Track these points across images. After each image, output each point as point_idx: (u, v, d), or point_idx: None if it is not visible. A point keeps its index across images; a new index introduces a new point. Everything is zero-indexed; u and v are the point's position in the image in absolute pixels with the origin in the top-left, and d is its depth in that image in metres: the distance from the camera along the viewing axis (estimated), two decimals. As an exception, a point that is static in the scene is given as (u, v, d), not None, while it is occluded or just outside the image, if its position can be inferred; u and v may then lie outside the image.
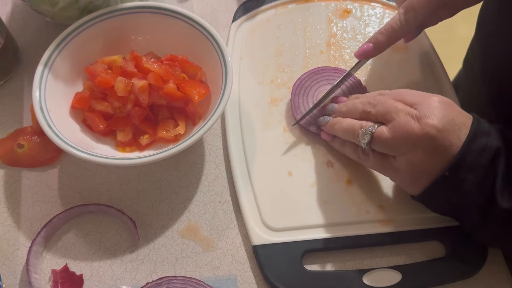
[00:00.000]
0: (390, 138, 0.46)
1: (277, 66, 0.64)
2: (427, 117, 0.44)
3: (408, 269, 0.50)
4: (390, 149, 0.47)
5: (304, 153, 0.57)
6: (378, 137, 0.47)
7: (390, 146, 0.46)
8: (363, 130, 0.48)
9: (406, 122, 0.45)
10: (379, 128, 0.47)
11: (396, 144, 0.46)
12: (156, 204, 0.54)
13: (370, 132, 0.47)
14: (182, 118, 0.55)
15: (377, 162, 0.49)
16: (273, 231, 0.52)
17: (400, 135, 0.45)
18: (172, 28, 0.58)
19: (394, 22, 0.54)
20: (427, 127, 0.44)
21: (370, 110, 0.49)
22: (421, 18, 0.53)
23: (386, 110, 0.47)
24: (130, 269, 0.50)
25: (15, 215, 0.53)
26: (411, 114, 0.45)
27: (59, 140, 0.49)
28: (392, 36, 0.54)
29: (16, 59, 0.63)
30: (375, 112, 0.48)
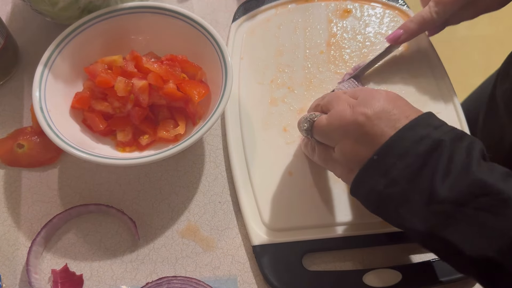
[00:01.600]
0: (325, 125, 0.46)
1: (277, 66, 0.64)
2: (361, 105, 0.43)
3: (408, 269, 0.50)
4: (326, 137, 0.46)
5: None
6: (317, 124, 0.47)
7: (325, 133, 0.46)
8: (304, 118, 0.48)
9: (341, 110, 0.45)
10: (320, 117, 0.47)
11: (330, 132, 0.45)
12: (156, 204, 0.54)
13: (310, 119, 0.47)
14: (182, 118, 0.55)
15: (321, 155, 0.48)
16: (273, 231, 0.52)
17: (334, 122, 0.45)
18: (172, 28, 0.58)
19: (424, 12, 0.59)
20: (357, 114, 0.43)
21: (319, 103, 0.49)
22: (449, 12, 0.58)
23: (330, 100, 0.47)
24: (130, 269, 0.50)
25: (15, 215, 0.53)
26: (349, 103, 0.45)
27: (59, 140, 0.49)
28: (421, 25, 0.59)
29: (16, 59, 0.63)
30: (322, 103, 0.49)
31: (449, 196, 0.38)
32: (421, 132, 0.41)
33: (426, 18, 0.58)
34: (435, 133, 0.40)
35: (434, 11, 0.58)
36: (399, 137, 0.41)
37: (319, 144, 0.49)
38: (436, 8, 0.58)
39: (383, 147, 0.41)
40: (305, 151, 0.54)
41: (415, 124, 0.41)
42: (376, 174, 0.41)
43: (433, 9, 0.58)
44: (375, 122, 0.42)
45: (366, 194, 0.43)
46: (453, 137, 0.40)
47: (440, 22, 0.59)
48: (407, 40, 0.60)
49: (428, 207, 0.39)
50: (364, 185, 0.43)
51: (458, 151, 0.39)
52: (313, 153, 0.51)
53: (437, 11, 0.58)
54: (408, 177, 0.40)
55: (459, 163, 0.39)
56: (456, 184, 0.38)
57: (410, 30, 0.59)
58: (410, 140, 0.40)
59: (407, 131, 0.41)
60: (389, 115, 0.42)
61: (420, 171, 0.40)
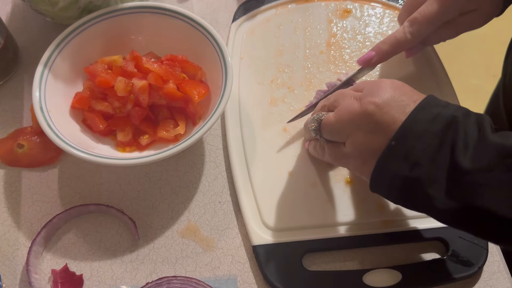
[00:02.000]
0: (334, 121, 0.45)
1: (277, 66, 0.64)
2: (368, 95, 0.43)
3: (408, 269, 0.50)
4: (336, 134, 0.46)
5: (304, 153, 0.57)
6: (325, 123, 0.46)
7: (336, 129, 0.46)
8: (311, 118, 0.48)
9: (348, 104, 0.44)
10: (327, 115, 0.47)
11: (340, 128, 0.45)
12: (156, 204, 0.54)
13: (318, 118, 0.47)
14: (182, 118, 0.55)
15: (331, 153, 0.48)
16: (273, 231, 0.52)
17: (343, 117, 0.44)
18: (172, 28, 0.58)
19: (398, 33, 0.55)
20: (365, 104, 0.43)
21: (325, 103, 0.49)
22: (424, 33, 0.54)
23: (335, 98, 0.47)
24: (130, 269, 0.50)
25: (15, 215, 0.53)
26: (355, 97, 0.45)
27: (59, 140, 0.49)
28: (395, 46, 0.55)
29: (16, 59, 0.63)
30: (328, 103, 0.48)
31: (474, 166, 0.38)
32: (433, 112, 0.41)
33: (399, 39, 0.54)
34: (445, 111, 0.41)
35: (408, 31, 0.54)
36: (413, 120, 0.41)
37: (329, 142, 0.48)
38: (410, 29, 0.54)
39: (399, 131, 0.41)
40: (314, 153, 0.53)
41: (425, 105, 0.42)
42: (397, 159, 0.41)
43: (408, 29, 0.54)
44: (385, 110, 0.42)
45: (389, 182, 0.43)
46: (463, 112, 0.41)
47: (415, 43, 0.55)
48: (379, 62, 0.57)
49: (456, 182, 0.39)
50: (386, 173, 0.42)
51: (470, 125, 0.40)
52: (323, 153, 0.50)
53: (411, 31, 0.54)
54: (430, 157, 0.40)
55: (474, 135, 0.39)
56: (478, 154, 0.39)
57: (382, 52, 0.55)
58: (424, 120, 0.41)
59: (420, 113, 0.41)
60: (397, 102, 0.42)
61: (440, 149, 0.40)
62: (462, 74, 1.61)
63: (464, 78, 1.61)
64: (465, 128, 0.40)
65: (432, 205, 0.41)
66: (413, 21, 0.54)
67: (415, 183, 0.41)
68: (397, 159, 0.41)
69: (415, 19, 0.54)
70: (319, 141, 0.50)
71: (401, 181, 0.41)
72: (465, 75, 1.63)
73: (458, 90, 0.62)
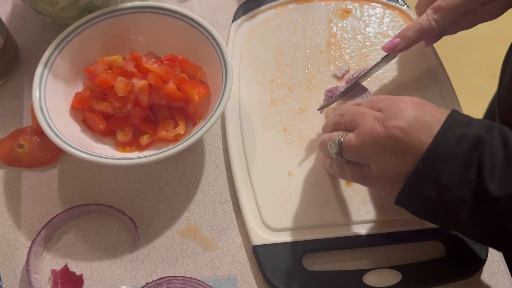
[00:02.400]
0: (357, 144, 0.44)
1: (277, 66, 0.64)
2: (392, 118, 0.42)
3: (408, 269, 0.50)
4: (360, 156, 0.45)
5: (304, 153, 0.57)
6: (346, 145, 0.45)
7: (359, 153, 0.44)
8: (330, 140, 0.47)
9: (371, 127, 0.43)
10: (347, 136, 0.45)
11: (364, 151, 0.44)
12: (156, 204, 0.54)
13: (338, 141, 0.46)
14: (182, 118, 0.55)
15: (354, 174, 0.47)
16: (273, 231, 0.52)
17: (366, 141, 0.43)
18: (172, 28, 0.58)
19: (422, 20, 0.55)
20: (390, 128, 0.42)
21: (339, 121, 0.47)
22: (448, 19, 0.55)
23: (353, 117, 0.46)
24: (130, 269, 0.50)
25: (15, 215, 0.53)
26: (376, 118, 0.44)
27: (59, 140, 0.49)
28: (419, 33, 0.55)
29: (16, 59, 0.63)
30: (343, 121, 0.47)
31: (503, 192, 0.38)
32: (457, 132, 0.41)
33: (424, 26, 0.55)
34: (469, 130, 0.41)
35: (432, 18, 0.55)
36: (438, 143, 0.40)
37: (350, 163, 0.47)
38: (435, 16, 0.54)
39: (426, 155, 0.41)
40: (331, 171, 0.51)
41: (449, 126, 0.41)
42: (425, 183, 0.41)
43: (432, 17, 0.55)
44: (411, 134, 0.41)
45: (417, 205, 0.43)
46: (486, 129, 0.41)
47: (439, 30, 0.56)
48: (404, 49, 0.57)
49: (485, 207, 0.39)
50: (413, 196, 0.42)
51: (495, 143, 0.40)
52: (341, 172, 0.48)
53: (436, 18, 0.54)
54: (458, 180, 0.40)
55: (500, 155, 0.39)
56: (506, 179, 0.38)
57: (407, 39, 0.56)
58: (450, 143, 0.40)
59: (445, 135, 0.41)
60: (422, 124, 0.42)
61: (467, 172, 0.39)
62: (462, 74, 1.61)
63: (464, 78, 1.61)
64: (490, 147, 0.39)
65: (461, 226, 0.41)
66: (438, 8, 0.54)
67: (444, 206, 0.41)
68: (425, 183, 0.41)
69: (439, 6, 0.54)
70: (335, 161, 0.49)
71: (430, 204, 0.42)
72: (465, 75, 1.63)
73: (458, 90, 0.62)
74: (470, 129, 0.41)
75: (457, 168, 0.40)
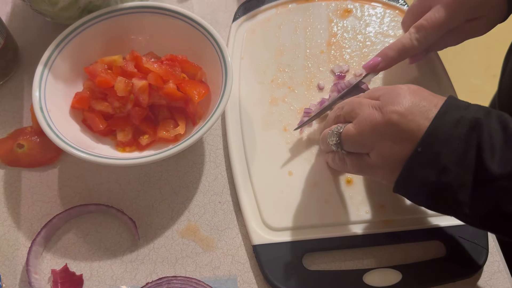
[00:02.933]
0: (356, 133, 0.44)
1: (277, 65, 0.64)
2: (389, 104, 0.43)
3: (408, 268, 0.50)
4: (359, 145, 0.45)
5: (304, 153, 0.57)
6: (346, 135, 0.45)
7: (358, 142, 0.45)
8: (330, 132, 0.47)
9: (369, 114, 0.44)
10: (346, 127, 0.46)
11: (363, 139, 0.44)
12: (156, 204, 0.54)
13: (337, 132, 0.46)
14: (182, 118, 0.55)
15: (354, 165, 0.47)
16: (273, 231, 0.52)
17: (365, 128, 0.44)
18: (172, 28, 0.58)
19: (404, 39, 0.55)
20: (388, 113, 0.42)
21: (339, 114, 0.48)
22: (431, 39, 0.54)
23: (351, 107, 0.46)
24: (130, 269, 0.50)
25: (15, 215, 0.53)
26: (374, 106, 0.44)
27: (59, 140, 0.49)
28: (401, 52, 0.55)
29: (16, 59, 0.63)
30: (343, 113, 0.47)
31: (503, 172, 0.38)
32: (455, 115, 0.41)
33: (406, 45, 0.54)
34: (467, 113, 0.41)
35: (415, 37, 0.54)
36: (437, 125, 0.41)
37: (350, 154, 0.47)
38: (417, 35, 0.54)
39: (424, 138, 0.41)
40: (334, 165, 0.51)
41: (447, 109, 0.42)
42: (424, 166, 0.41)
43: (414, 36, 0.54)
44: (409, 118, 0.42)
45: (417, 188, 0.43)
46: (484, 113, 0.41)
47: (421, 49, 0.55)
48: (385, 68, 0.56)
49: (484, 187, 0.39)
50: (413, 179, 0.42)
51: (493, 126, 0.40)
52: (343, 165, 0.49)
53: (418, 38, 0.54)
54: (458, 162, 0.40)
55: (499, 137, 0.39)
56: (506, 159, 0.39)
57: (388, 58, 0.55)
58: (448, 125, 0.41)
59: (443, 118, 0.41)
60: (419, 108, 0.42)
61: (466, 153, 0.40)
62: (462, 74, 1.61)
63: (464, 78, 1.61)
64: (489, 130, 0.40)
65: (460, 209, 0.41)
66: (420, 27, 0.54)
67: (443, 188, 0.41)
68: (425, 165, 0.41)
69: (421, 25, 0.54)
70: (337, 154, 0.49)
71: (429, 186, 0.42)
72: (465, 75, 1.63)
73: (458, 90, 0.62)
74: (468, 113, 0.41)
75: (456, 149, 0.40)
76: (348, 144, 0.46)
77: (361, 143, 0.45)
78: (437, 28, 0.53)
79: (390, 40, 0.65)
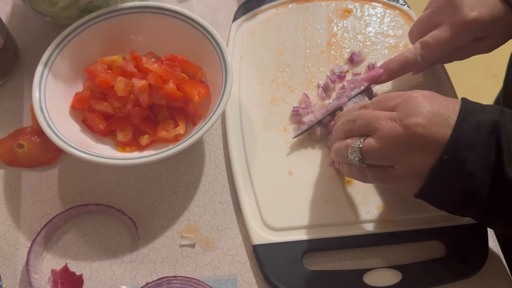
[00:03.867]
0: (379, 148, 0.44)
1: (277, 65, 0.64)
2: (410, 116, 0.43)
3: (408, 268, 0.50)
4: (383, 159, 0.45)
5: (305, 153, 0.57)
6: (367, 151, 0.45)
7: (382, 156, 0.44)
8: (350, 148, 0.46)
9: (390, 128, 0.43)
10: (365, 141, 0.45)
11: (387, 153, 0.44)
12: (156, 204, 0.54)
13: (358, 148, 0.45)
14: (182, 118, 0.55)
15: (376, 177, 0.46)
16: (273, 230, 0.52)
17: (388, 143, 0.43)
18: (172, 28, 0.58)
19: (409, 53, 0.55)
20: (412, 126, 0.42)
21: (351, 127, 0.47)
22: (435, 56, 0.54)
23: (367, 122, 0.45)
24: (130, 269, 0.50)
25: (15, 215, 0.53)
26: (392, 118, 0.43)
27: (59, 140, 0.49)
28: (404, 66, 0.55)
29: (16, 59, 0.63)
30: (357, 127, 0.46)
31: None
32: (474, 120, 0.42)
33: (409, 60, 0.54)
34: (484, 116, 0.42)
35: (419, 53, 0.54)
36: (459, 132, 0.41)
37: (372, 166, 0.46)
38: (421, 51, 0.54)
39: (449, 145, 0.41)
40: (350, 176, 0.50)
41: (465, 114, 0.42)
42: (451, 172, 0.42)
43: (418, 51, 0.54)
44: (433, 129, 0.42)
45: (443, 194, 0.44)
46: (498, 113, 0.42)
47: (424, 65, 0.56)
48: (387, 81, 0.56)
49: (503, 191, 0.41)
50: (440, 187, 0.43)
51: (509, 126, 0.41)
52: (362, 176, 0.48)
53: (422, 54, 0.54)
54: (482, 166, 0.41)
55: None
56: None
57: (391, 71, 0.55)
58: (470, 131, 0.41)
59: (463, 124, 0.42)
60: (440, 116, 0.42)
61: (488, 156, 0.41)
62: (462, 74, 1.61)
63: (464, 78, 1.61)
64: (506, 132, 0.41)
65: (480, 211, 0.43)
66: (425, 44, 0.54)
67: (469, 192, 0.42)
68: (451, 172, 0.42)
69: (427, 43, 0.54)
70: (354, 165, 0.48)
71: (455, 192, 0.43)
72: (465, 75, 1.62)
73: (458, 90, 0.62)
74: (485, 115, 0.42)
75: (479, 154, 0.41)
76: (371, 158, 0.45)
77: (385, 157, 0.44)
78: (443, 47, 0.53)
79: (390, 40, 0.65)
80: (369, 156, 0.45)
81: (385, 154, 0.44)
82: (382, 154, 0.44)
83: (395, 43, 0.65)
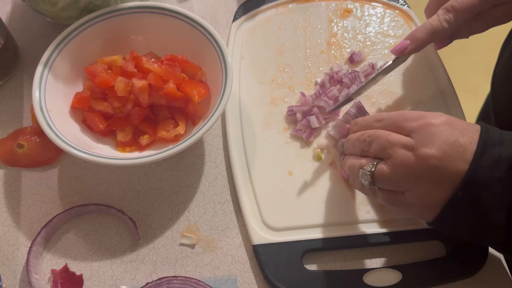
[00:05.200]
0: (390, 175, 0.43)
1: (277, 65, 0.64)
2: (424, 146, 0.41)
3: (408, 268, 0.50)
4: (394, 185, 0.44)
5: (304, 153, 0.57)
6: (379, 176, 0.44)
7: (393, 182, 0.44)
8: (362, 170, 0.45)
9: (403, 157, 0.42)
10: (378, 166, 0.44)
11: (398, 181, 0.43)
12: (156, 204, 0.54)
13: (369, 172, 0.44)
14: (182, 118, 0.55)
15: (387, 199, 0.46)
16: (273, 230, 0.52)
17: (400, 171, 0.43)
18: (172, 28, 0.58)
19: (433, 21, 0.54)
20: (425, 158, 0.41)
21: (367, 149, 0.46)
22: (460, 20, 0.53)
23: (381, 147, 0.44)
24: (130, 269, 0.50)
25: (15, 215, 0.53)
26: (406, 146, 0.42)
27: (59, 140, 0.49)
28: (430, 34, 0.54)
29: (16, 59, 0.63)
30: (372, 150, 0.46)
31: None
32: (492, 155, 0.40)
33: (435, 27, 0.53)
34: (503, 150, 0.40)
35: (444, 19, 0.53)
36: (475, 169, 0.40)
37: (383, 189, 0.46)
38: (446, 16, 0.53)
39: (464, 183, 0.40)
40: (362, 192, 0.50)
41: (483, 148, 0.41)
42: (464, 210, 0.41)
43: (443, 17, 0.53)
44: (447, 162, 0.40)
45: (457, 228, 0.43)
46: None
47: (450, 32, 0.54)
48: (414, 51, 0.55)
49: None
50: (453, 221, 0.43)
51: None
52: (374, 195, 0.47)
53: (447, 19, 0.53)
54: (498, 205, 0.40)
55: None
56: None
57: (418, 40, 0.54)
58: (487, 168, 0.40)
59: (480, 160, 0.40)
60: (456, 149, 0.41)
61: (505, 194, 0.40)
62: (462, 74, 1.61)
63: (464, 78, 1.61)
64: None
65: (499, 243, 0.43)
66: (450, 8, 0.53)
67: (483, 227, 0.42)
68: (464, 209, 0.41)
69: (452, 6, 0.53)
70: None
71: (471, 229, 0.42)
72: (465, 74, 1.63)
73: (458, 90, 0.62)
74: (503, 148, 0.40)
75: (495, 192, 0.40)
76: (382, 183, 0.45)
77: (396, 184, 0.44)
78: (468, 10, 0.52)
79: (390, 40, 0.65)
80: (380, 181, 0.44)
81: (396, 181, 0.43)
82: (394, 181, 0.43)
83: (395, 43, 0.65)
